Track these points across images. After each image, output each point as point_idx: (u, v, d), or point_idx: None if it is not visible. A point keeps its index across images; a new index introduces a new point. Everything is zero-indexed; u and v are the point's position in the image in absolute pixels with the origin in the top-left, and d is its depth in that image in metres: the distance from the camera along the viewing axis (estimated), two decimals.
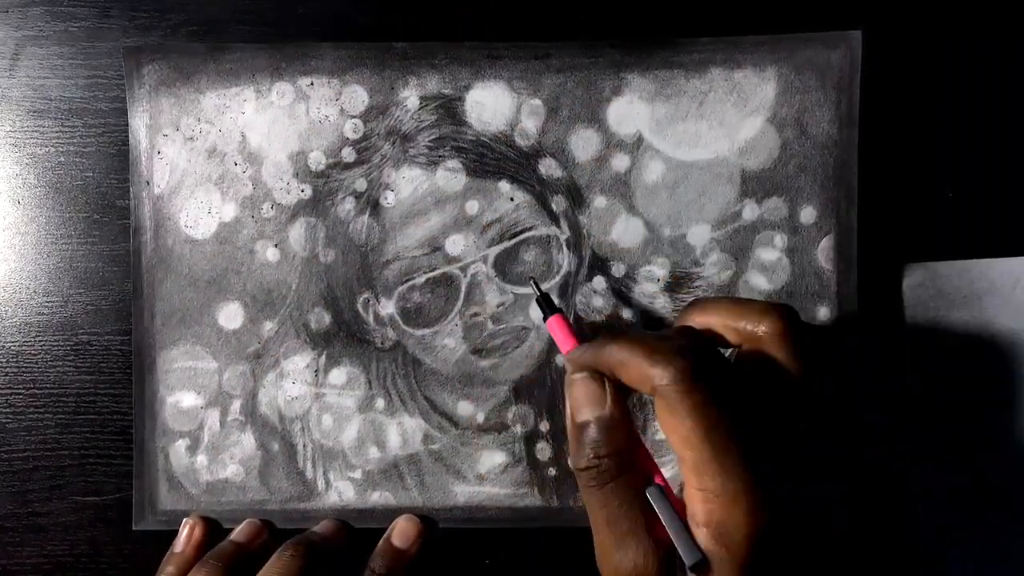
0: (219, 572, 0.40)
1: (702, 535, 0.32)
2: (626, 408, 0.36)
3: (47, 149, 0.45)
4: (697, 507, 0.32)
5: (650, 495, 0.34)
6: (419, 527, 0.44)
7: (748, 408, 0.33)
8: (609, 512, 0.34)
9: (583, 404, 0.35)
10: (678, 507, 0.34)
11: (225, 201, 0.44)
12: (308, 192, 0.44)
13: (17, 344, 0.45)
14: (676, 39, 0.44)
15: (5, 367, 0.45)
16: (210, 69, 0.44)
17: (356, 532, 0.44)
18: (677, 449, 0.33)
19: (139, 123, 0.44)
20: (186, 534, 0.43)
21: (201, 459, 0.44)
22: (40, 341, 0.45)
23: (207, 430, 0.44)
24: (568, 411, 0.36)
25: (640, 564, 0.33)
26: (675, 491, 0.36)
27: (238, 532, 0.44)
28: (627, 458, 0.35)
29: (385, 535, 0.43)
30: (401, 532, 0.43)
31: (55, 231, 0.45)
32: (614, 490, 0.34)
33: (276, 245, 0.44)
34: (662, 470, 0.36)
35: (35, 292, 0.45)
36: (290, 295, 0.44)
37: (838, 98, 0.44)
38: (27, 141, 0.45)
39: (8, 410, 0.45)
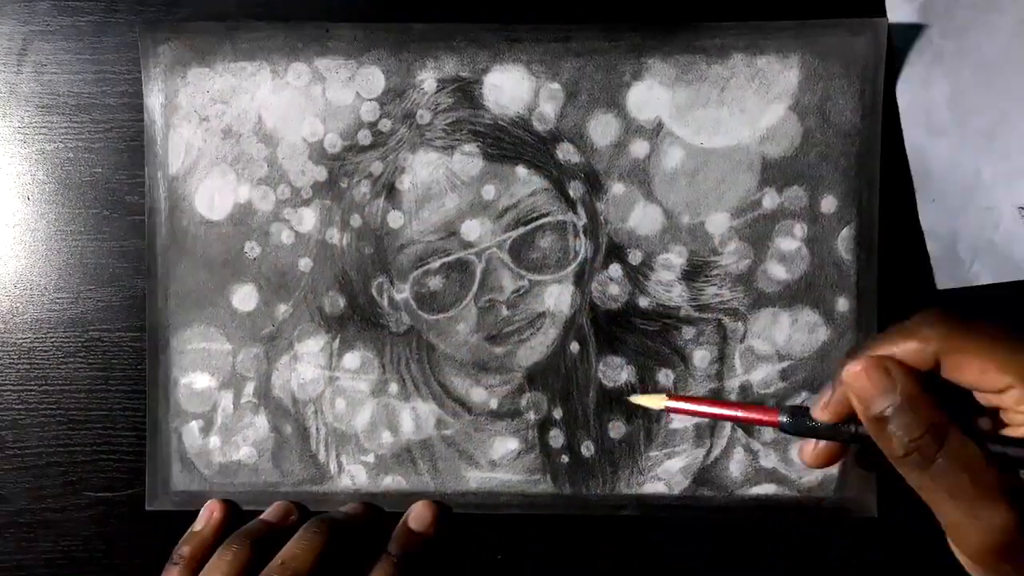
0: (247, 550, 0.40)
1: None
2: (919, 382, 0.32)
3: (56, 145, 0.45)
4: None
5: (990, 445, 0.31)
6: (435, 512, 0.43)
7: None
8: (948, 486, 0.31)
9: (874, 396, 0.32)
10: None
11: (240, 182, 0.44)
12: (323, 174, 0.44)
13: (28, 340, 0.45)
14: (698, 23, 0.43)
15: (17, 364, 0.45)
16: (226, 49, 0.44)
17: (387, 516, 0.44)
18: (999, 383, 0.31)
19: (154, 102, 0.44)
20: (206, 515, 0.43)
21: (214, 440, 0.44)
22: (51, 337, 0.45)
23: (220, 411, 0.44)
24: (858, 406, 0.33)
25: (1007, 523, 0.30)
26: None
27: (269, 512, 0.43)
28: (942, 424, 0.31)
29: (402, 519, 0.43)
30: (417, 516, 0.43)
31: (65, 227, 0.45)
32: (944, 462, 0.31)
33: (291, 227, 0.44)
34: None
35: (46, 289, 0.45)
36: (304, 278, 0.44)
37: (862, 86, 0.43)
38: (36, 137, 0.45)
39: (21, 406, 0.45)
